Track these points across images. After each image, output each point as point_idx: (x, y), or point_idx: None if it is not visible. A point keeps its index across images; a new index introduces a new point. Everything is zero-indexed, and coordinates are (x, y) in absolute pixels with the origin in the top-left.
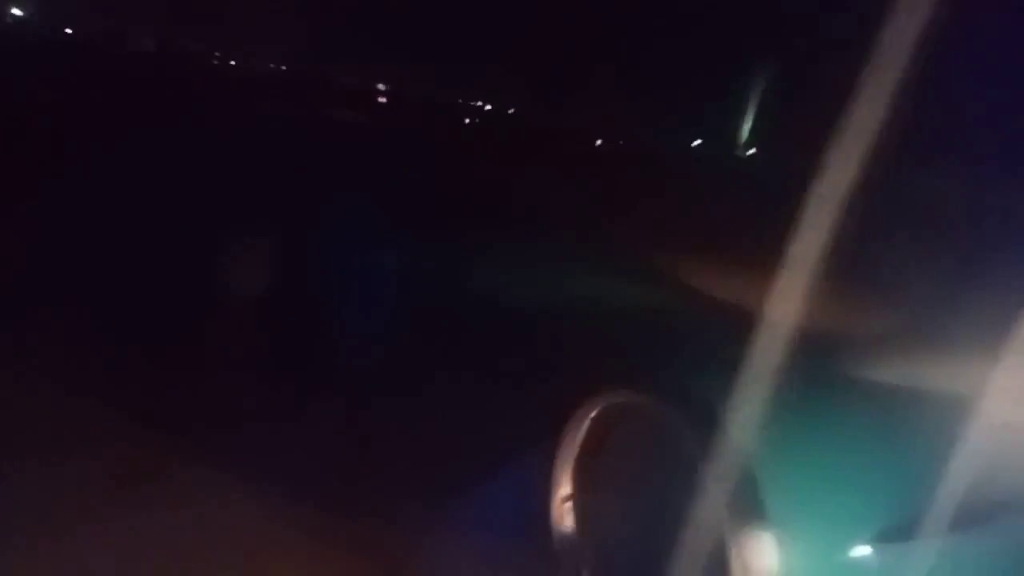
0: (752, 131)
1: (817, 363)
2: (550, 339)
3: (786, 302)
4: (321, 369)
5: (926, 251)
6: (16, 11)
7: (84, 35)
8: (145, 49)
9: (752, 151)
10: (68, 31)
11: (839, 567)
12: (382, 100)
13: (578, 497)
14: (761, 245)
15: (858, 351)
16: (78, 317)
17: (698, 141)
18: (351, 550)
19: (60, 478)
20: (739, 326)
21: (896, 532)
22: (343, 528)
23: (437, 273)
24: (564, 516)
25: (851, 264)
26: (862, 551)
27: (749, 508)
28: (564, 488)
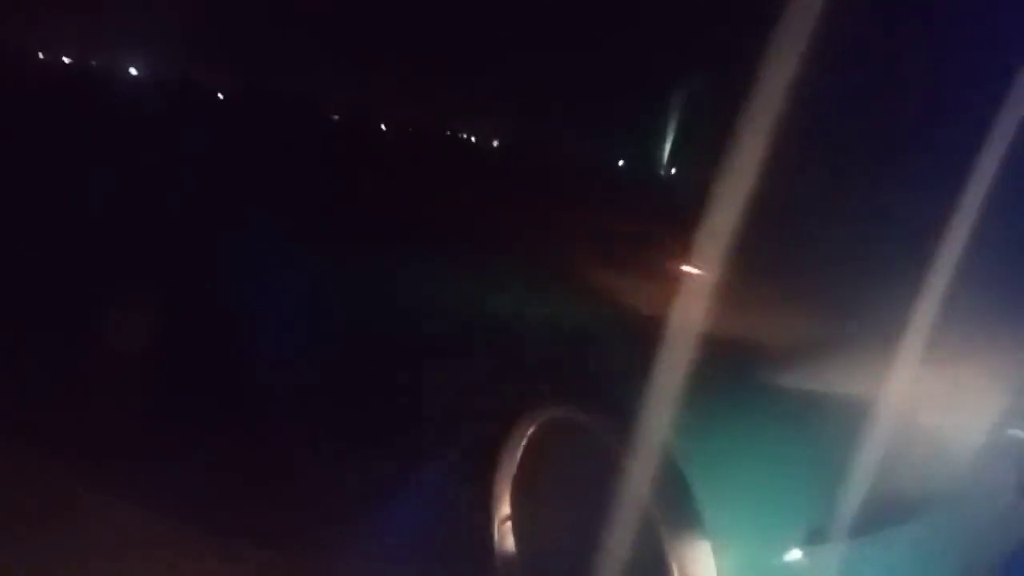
0: (674, 150)
1: (746, 374)
2: (484, 357)
3: (715, 316)
4: (251, 383)
5: (842, 259)
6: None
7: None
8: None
9: (674, 170)
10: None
11: (774, 571)
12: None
13: (518, 517)
14: (690, 261)
15: (782, 360)
16: None
17: (621, 161)
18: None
19: None
20: (671, 341)
21: (826, 534)
22: (275, 555)
23: (371, 289)
24: (505, 536)
25: (773, 275)
26: (795, 554)
27: (685, 518)
28: (503, 508)
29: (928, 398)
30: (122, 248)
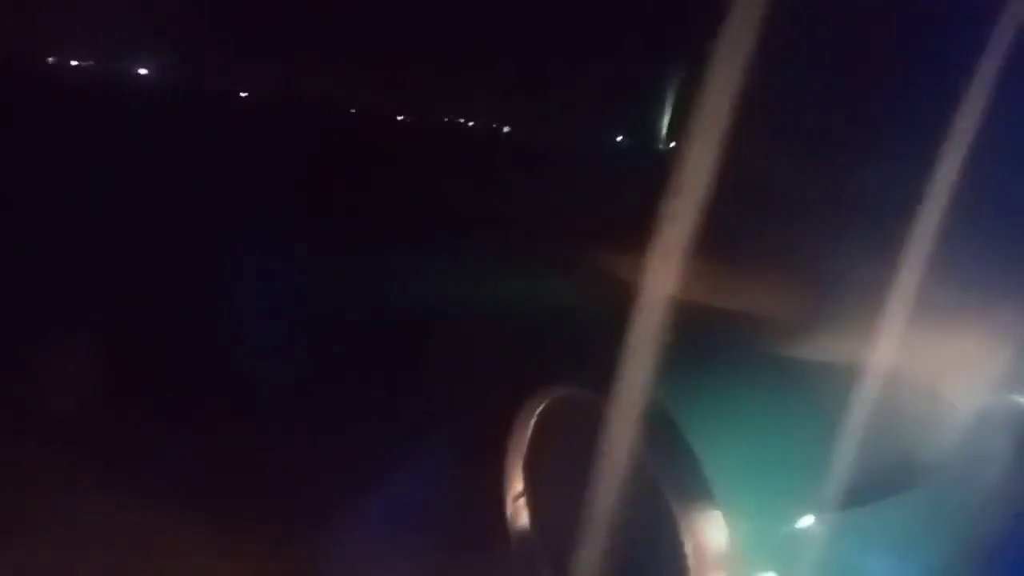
0: (672, 126)
1: (752, 347)
2: (492, 338)
3: (720, 291)
4: (257, 367)
5: (847, 235)
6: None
7: None
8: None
9: (673, 145)
10: None
11: (785, 539)
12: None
13: (530, 493)
14: (689, 236)
15: (789, 332)
16: None
17: (620, 137)
18: (285, 558)
19: None
20: (675, 316)
21: (834, 502)
22: (284, 532)
23: (378, 275)
24: (518, 513)
25: (776, 251)
26: (806, 521)
27: (696, 490)
28: (516, 486)
29: (931, 365)
30: (120, 245)
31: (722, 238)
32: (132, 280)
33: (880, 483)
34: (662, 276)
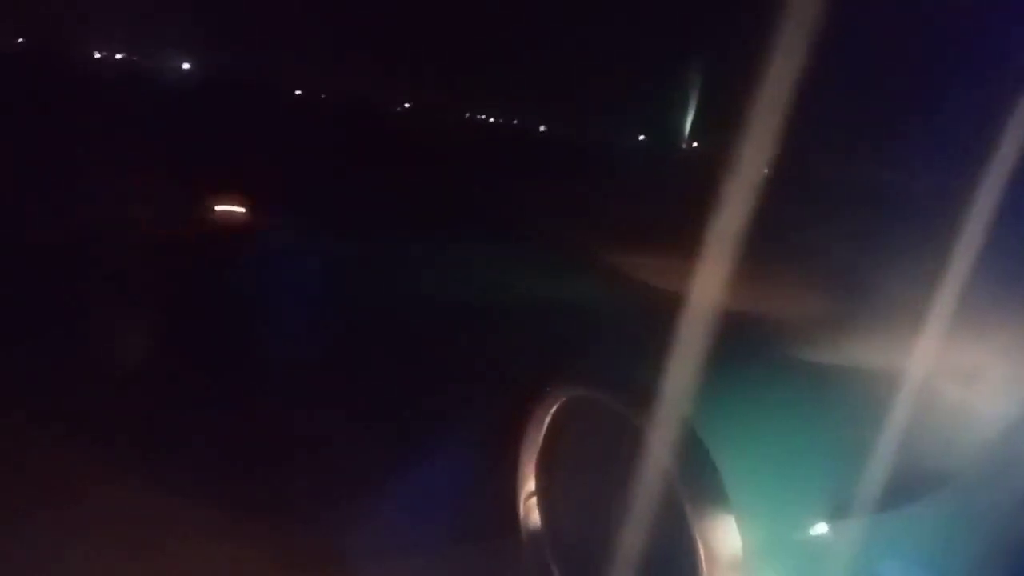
0: (695, 125)
1: (769, 349)
2: (507, 337)
3: (737, 292)
4: (273, 359)
5: (863, 237)
6: None
7: None
8: None
9: (695, 145)
10: None
11: (799, 545)
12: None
13: (543, 493)
14: (708, 237)
15: (807, 335)
16: None
17: (642, 136)
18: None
19: None
20: (692, 318)
21: (851, 509)
22: (293, 531)
23: (391, 272)
24: (530, 513)
25: (796, 253)
26: (820, 529)
27: (710, 494)
28: (528, 485)
29: (953, 372)
30: (146, 236)
31: (749, 239)
32: (153, 269)
33: (899, 490)
34: (682, 277)
